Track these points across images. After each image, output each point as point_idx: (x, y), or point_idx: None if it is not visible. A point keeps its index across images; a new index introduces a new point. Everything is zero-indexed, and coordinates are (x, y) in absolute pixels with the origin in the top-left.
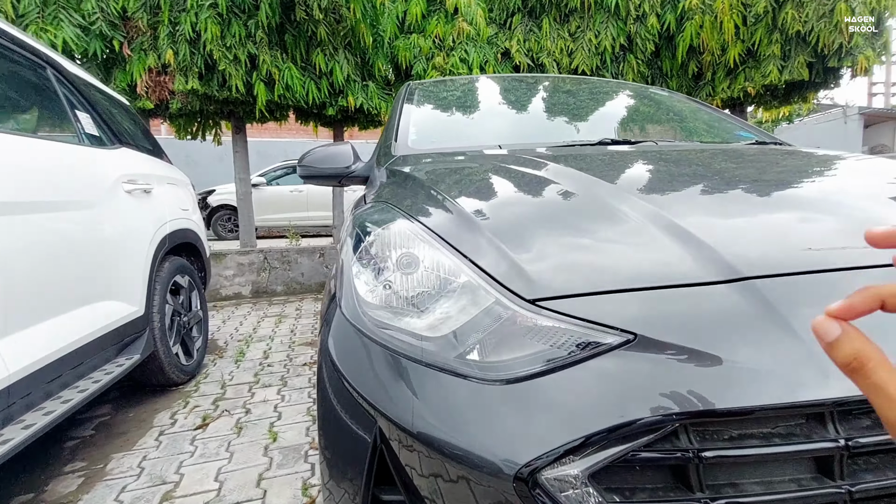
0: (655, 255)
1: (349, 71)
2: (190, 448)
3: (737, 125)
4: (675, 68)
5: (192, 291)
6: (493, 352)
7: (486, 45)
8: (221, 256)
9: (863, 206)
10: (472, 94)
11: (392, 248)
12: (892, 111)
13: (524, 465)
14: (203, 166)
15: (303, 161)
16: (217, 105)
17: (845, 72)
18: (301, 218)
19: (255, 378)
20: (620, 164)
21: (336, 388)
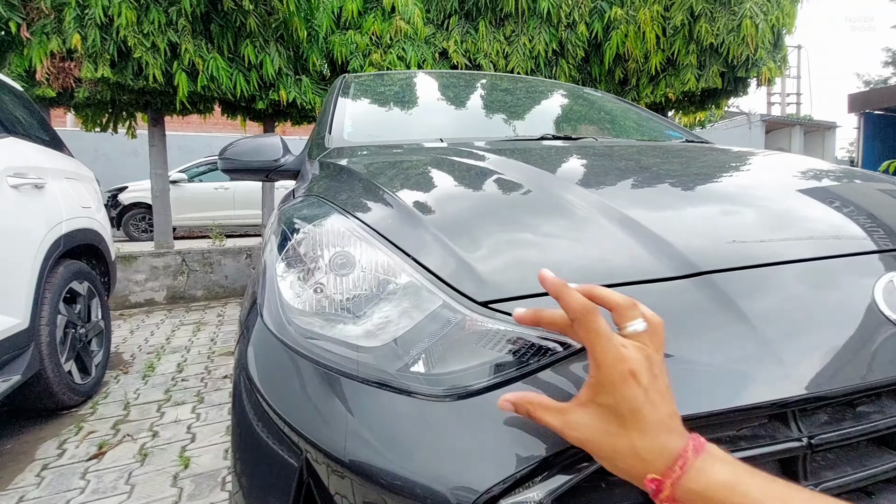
0: (613, 250)
1: (281, 64)
2: (80, 483)
3: (665, 125)
4: (603, 74)
5: (93, 299)
6: (440, 362)
7: (424, 44)
8: (132, 259)
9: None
10: (410, 89)
11: (324, 246)
12: (789, 119)
13: (483, 492)
14: (114, 161)
15: (225, 153)
16: (132, 95)
17: (752, 81)
18: (227, 217)
19: (166, 395)
20: (567, 158)
21: (255, 410)
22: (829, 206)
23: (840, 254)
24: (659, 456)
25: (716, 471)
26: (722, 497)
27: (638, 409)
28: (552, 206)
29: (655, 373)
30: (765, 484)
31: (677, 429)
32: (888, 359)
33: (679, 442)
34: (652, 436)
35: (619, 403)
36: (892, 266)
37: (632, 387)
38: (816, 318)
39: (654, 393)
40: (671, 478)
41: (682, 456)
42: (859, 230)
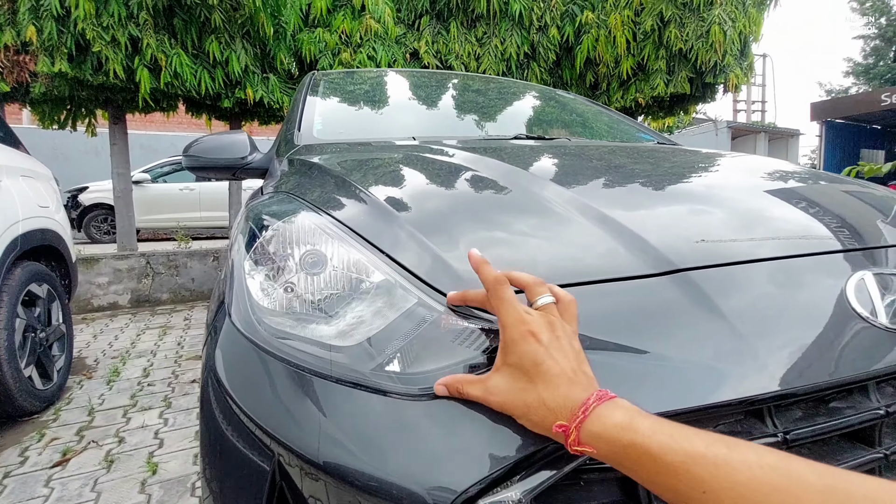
0: (591, 247)
1: (248, 61)
2: (44, 491)
3: (636, 128)
4: (574, 78)
5: (53, 302)
6: (416, 361)
7: (395, 44)
8: (94, 261)
9: (779, 198)
10: (382, 87)
11: (294, 244)
12: (754, 126)
13: (461, 493)
14: (74, 160)
15: (189, 150)
16: (91, 91)
17: (720, 87)
18: (193, 219)
19: (132, 400)
20: (541, 157)
21: (224, 413)
22: (802, 206)
23: (814, 252)
24: (564, 405)
25: (613, 414)
26: (617, 435)
27: (539, 363)
28: (529, 203)
29: (558, 334)
30: (654, 423)
31: (582, 382)
32: (859, 355)
33: (583, 393)
34: (556, 387)
35: (521, 359)
36: (862, 265)
37: (531, 343)
38: (791, 316)
39: (555, 350)
40: (575, 422)
41: (586, 403)
42: (829, 230)
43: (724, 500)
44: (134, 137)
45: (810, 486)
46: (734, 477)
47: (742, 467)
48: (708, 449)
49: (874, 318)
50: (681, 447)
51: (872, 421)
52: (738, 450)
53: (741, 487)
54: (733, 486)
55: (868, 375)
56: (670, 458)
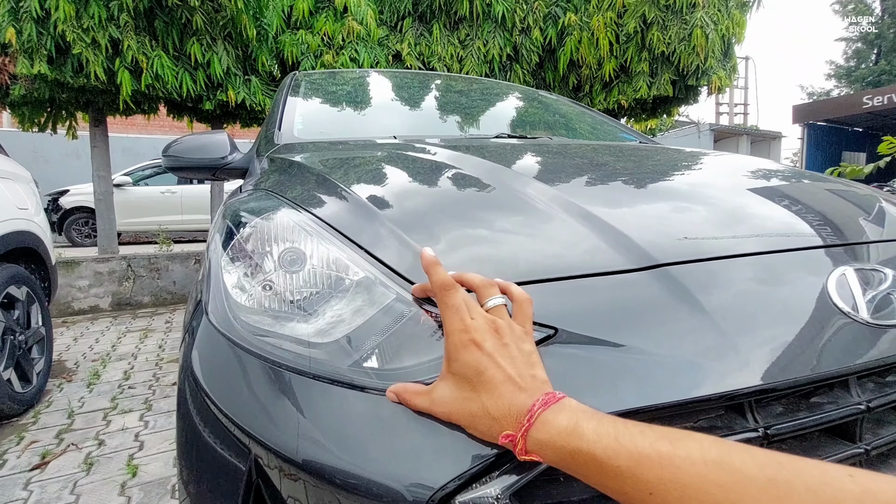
0: (571, 243)
1: (229, 63)
2: (23, 494)
3: (618, 128)
4: (557, 80)
5: (32, 305)
6: (395, 357)
7: (378, 46)
8: (74, 264)
9: (761, 196)
10: (363, 87)
11: (273, 241)
12: (737, 128)
13: (438, 489)
14: (55, 163)
15: (169, 150)
16: (72, 93)
17: (702, 90)
18: (174, 222)
19: (113, 403)
20: (523, 155)
21: (201, 413)
22: (784, 203)
23: (795, 248)
24: (509, 413)
25: (559, 419)
26: (563, 442)
27: (482, 371)
28: (509, 200)
29: (504, 341)
30: (600, 425)
31: (529, 388)
32: (841, 350)
33: (529, 399)
34: (500, 395)
35: (463, 368)
36: (844, 260)
37: (473, 352)
38: (772, 311)
39: (499, 357)
40: (520, 431)
41: (531, 410)
42: (811, 226)
43: (671, 501)
44: (115, 140)
45: (752, 481)
46: (678, 477)
47: (685, 465)
48: (652, 448)
49: (855, 312)
50: (625, 449)
51: (853, 416)
52: (681, 445)
53: (685, 487)
54: (677, 486)
55: (849, 370)
56: (615, 462)
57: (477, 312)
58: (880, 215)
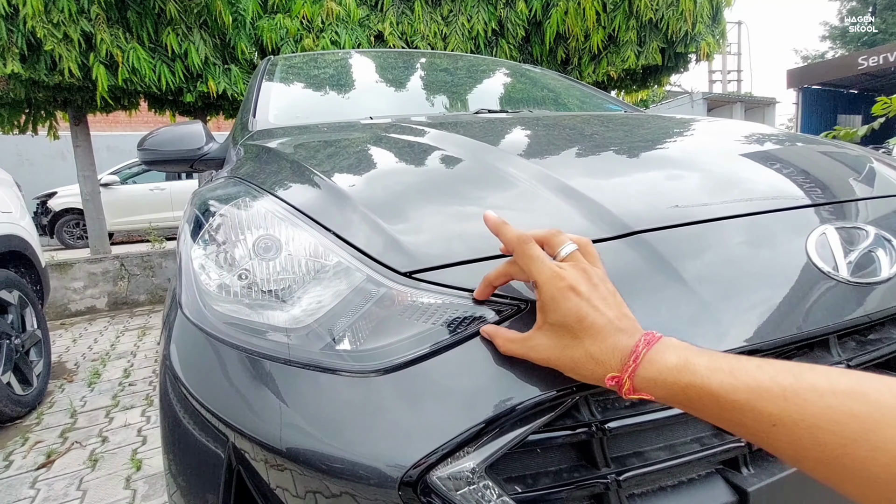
0: (543, 216)
1: (207, 53)
2: (30, 493)
3: (606, 100)
4: (544, 54)
5: (25, 308)
6: (368, 338)
7: (359, 27)
8: (67, 266)
9: (743, 159)
10: (340, 69)
11: (246, 229)
12: (730, 96)
13: (412, 466)
14: (40, 166)
15: (144, 144)
16: (48, 92)
17: (692, 57)
18: (165, 219)
19: (114, 401)
20: (501, 130)
21: (181, 405)
22: (763, 165)
23: (773, 209)
24: (612, 356)
25: (666, 357)
26: (673, 378)
27: (584, 318)
28: (484, 177)
29: (595, 283)
30: (711, 360)
31: (628, 328)
32: (820, 310)
33: (631, 340)
34: (603, 339)
35: (564, 317)
36: (824, 220)
37: (572, 299)
38: (750, 274)
39: (596, 300)
40: (627, 372)
41: (635, 351)
42: (792, 187)
43: (796, 433)
44: (100, 139)
45: (891, 410)
46: (805, 408)
47: (812, 397)
48: (773, 381)
49: (835, 272)
50: (743, 383)
51: None
52: (805, 378)
53: (814, 418)
54: (805, 417)
55: (828, 330)
56: (733, 395)
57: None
58: (869, 175)
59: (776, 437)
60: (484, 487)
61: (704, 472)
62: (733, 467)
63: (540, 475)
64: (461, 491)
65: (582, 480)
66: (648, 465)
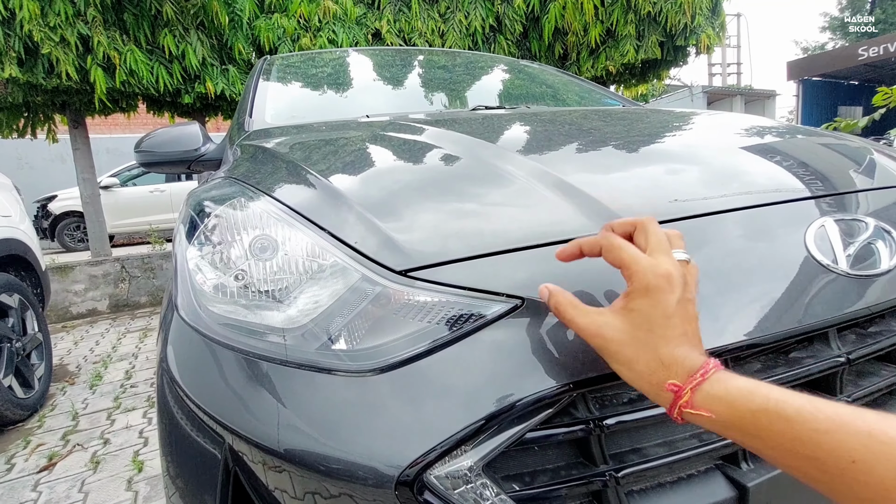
0: (539, 212)
1: (204, 53)
2: (32, 495)
3: (604, 95)
4: (542, 49)
5: (26, 312)
6: (364, 337)
7: (356, 25)
8: (68, 269)
9: (742, 153)
10: (337, 68)
11: (242, 230)
12: (730, 89)
13: (408, 465)
14: (40, 169)
15: (141, 146)
16: (46, 95)
17: (691, 50)
18: (165, 221)
19: (116, 402)
20: (498, 126)
21: (180, 408)
22: (762, 158)
23: (772, 202)
24: (681, 364)
25: (736, 379)
26: (743, 399)
27: (669, 316)
28: (480, 174)
29: (689, 296)
30: (786, 391)
31: (699, 347)
32: (820, 303)
33: (701, 357)
34: (676, 345)
35: (651, 308)
36: (824, 212)
37: (665, 292)
38: (748, 267)
39: (684, 307)
40: (692, 383)
41: (704, 367)
42: (791, 180)
43: (878, 471)
44: (99, 141)
45: None
46: (892, 446)
47: None
48: (856, 414)
49: (835, 265)
50: (823, 413)
51: (833, 369)
52: (893, 418)
53: None
54: (890, 457)
55: (828, 323)
56: (812, 424)
57: (665, 256)
58: (869, 166)
59: (853, 476)
60: (481, 486)
61: (703, 468)
62: (733, 463)
63: (538, 473)
64: (458, 489)
65: (580, 478)
66: (647, 461)
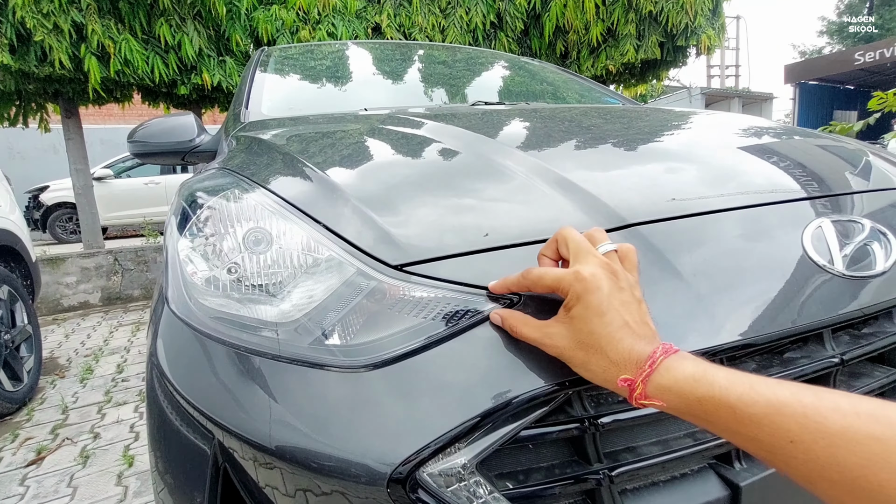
0: (537, 208)
1: (201, 44)
2: (19, 490)
3: (604, 93)
4: (543, 47)
5: (16, 303)
6: (358, 333)
7: (356, 18)
8: (59, 261)
9: (740, 153)
10: (335, 60)
11: (235, 222)
12: (727, 91)
13: (401, 462)
14: (32, 159)
15: (134, 136)
16: (38, 84)
17: (692, 51)
18: (160, 213)
19: (107, 396)
20: (498, 122)
21: (169, 403)
22: (760, 158)
23: (769, 202)
24: (628, 358)
25: (683, 366)
26: (690, 388)
27: (604, 313)
28: (479, 169)
29: (621, 286)
30: (730, 374)
31: (646, 335)
32: (815, 304)
33: (648, 347)
34: (619, 340)
35: (586, 311)
36: (820, 213)
37: (595, 294)
38: (745, 267)
39: (618, 302)
40: (641, 376)
41: (652, 356)
42: (788, 180)
43: (814, 450)
44: (92, 132)
45: None
46: (825, 426)
47: (834, 416)
48: (794, 397)
49: (830, 265)
50: (763, 397)
51: (828, 369)
52: (826, 397)
53: (834, 436)
54: (825, 435)
55: (823, 324)
56: (752, 409)
57: (587, 258)
58: (865, 168)
59: (792, 455)
60: (475, 484)
61: (697, 467)
62: (726, 462)
63: (532, 471)
64: (451, 487)
65: (574, 476)
66: (641, 460)
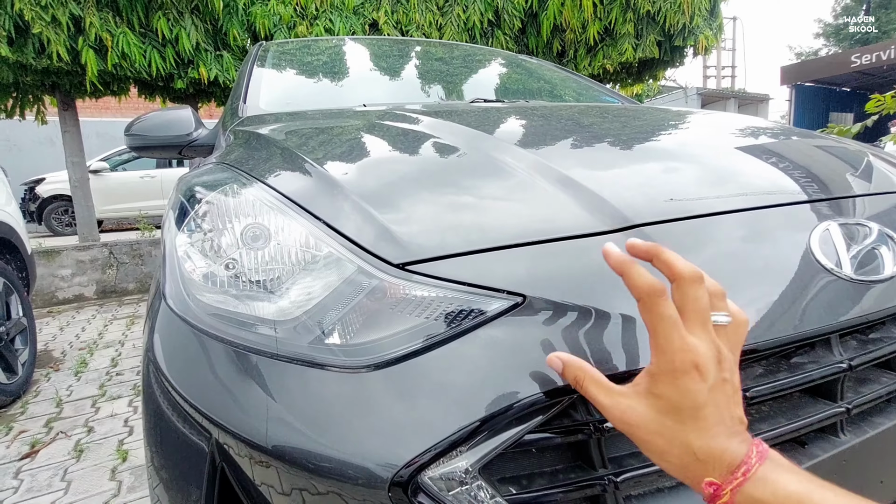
0: (541, 207)
1: (198, 38)
2: (13, 483)
3: (602, 91)
4: (540, 46)
5: (11, 296)
6: (359, 332)
7: (353, 15)
8: (55, 254)
9: (744, 153)
10: (333, 56)
11: (234, 217)
12: (724, 91)
13: (403, 465)
14: (28, 151)
15: (131, 129)
16: (36, 76)
17: (689, 51)
18: (155, 207)
19: (101, 390)
20: (497, 119)
21: (166, 399)
22: (765, 160)
23: (776, 204)
24: (719, 460)
25: (784, 480)
26: None
27: (700, 407)
28: (482, 166)
29: (724, 376)
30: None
31: (740, 433)
32: (823, 308)
33: (741, 448)
34: (712, 437)
35: (679, 397)
36: (828, 216)
37: (694, 380)
38: (752, 270)
39: (719, 392)
40: (732, 484)
41: (746, 462)
42: (795, 182)
43: None
44: (89, 125)
45: None
46: None
47: None
48: None
49: (839, 269)
50: None
51: (835, 375)
52: None
53: None
54: None
55: (831, 328)
56: None
57: (700, 330)
58: (869, 171)
59: None
60: (477, 488)
61: None
62: None
63: (535, 476)
64: (453, 492)
65: (578, 482)
66: (647, 465)
